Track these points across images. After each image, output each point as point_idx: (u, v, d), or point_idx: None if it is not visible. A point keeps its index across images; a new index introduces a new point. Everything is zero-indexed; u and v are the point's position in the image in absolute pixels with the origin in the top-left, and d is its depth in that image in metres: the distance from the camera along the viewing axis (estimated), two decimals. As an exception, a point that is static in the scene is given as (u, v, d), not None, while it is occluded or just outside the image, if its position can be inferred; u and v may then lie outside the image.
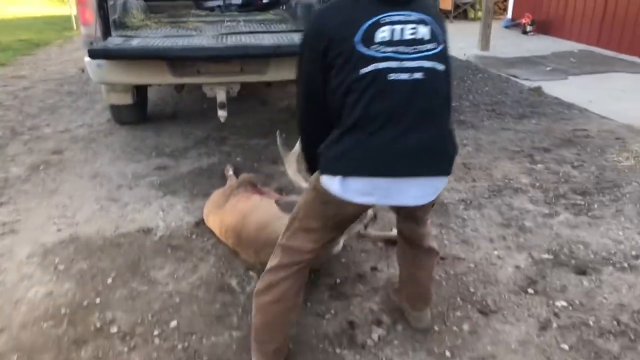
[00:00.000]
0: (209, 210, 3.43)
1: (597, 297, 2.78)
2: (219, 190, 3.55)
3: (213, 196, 3.52)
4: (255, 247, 2.90)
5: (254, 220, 2.98)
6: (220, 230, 3.21)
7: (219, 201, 3.37)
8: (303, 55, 2.01)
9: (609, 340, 2.48)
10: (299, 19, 5.67)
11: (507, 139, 5.13)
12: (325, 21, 1.94)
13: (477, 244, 3.31)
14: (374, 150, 1.86)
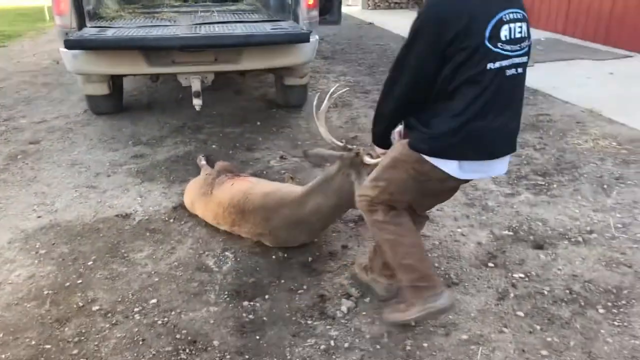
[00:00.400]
0: (192, 198, 3.48)
1: (552, 269, 2.98)
2: (198, 179, 3.60)
3: (193, 184, 3.57)
4: (264, 214, 3.03)
5: (258, 192, 3.12)
6: (216, 212, 3.24)
7: (202, 189, 3.41)
8: (415, 42, 2.04)
9: (561, 307, 2.68)
10: (271, 8, 5.79)
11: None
12: (450, 13, 1.97)
13: (443, 222, 3.49)
14: (491, 138, 2.10)
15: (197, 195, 3.43)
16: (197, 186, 3.49)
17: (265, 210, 3.04)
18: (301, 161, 4.44)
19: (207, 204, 3.33)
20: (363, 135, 5.05)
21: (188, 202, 3.54)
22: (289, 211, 3.00)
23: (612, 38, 8.82)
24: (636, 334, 2.49)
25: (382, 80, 6.77)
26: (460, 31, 1.95)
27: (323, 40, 9.76)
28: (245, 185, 3.25)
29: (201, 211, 3.41)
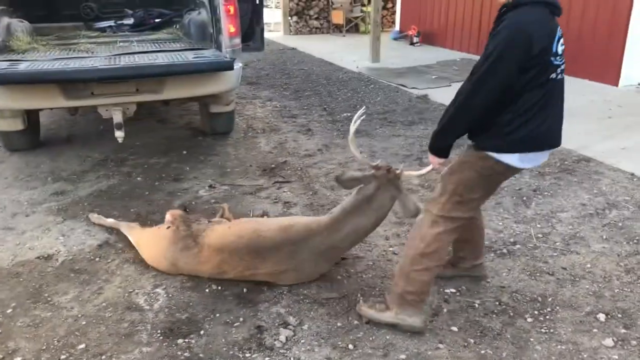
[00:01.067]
0: (171, 258, 3.10)
1: (481, 282, 3.08)
2: (157, 237, 3.21)
3: (154, 247, 3.20)
4: (289, 248, 2.93)
5: (274, 227, 3.02)
6: (220, 261, 2.99)
7: (179, 244, 3.07)
8: (503, 58, 2.27)
9: (492, 319, 2.77)
10: (193, 37, 5.74)
11: (398, 145, 5.48)
12: (534, 32, 2.27)
13: (375, 242, 3.54)
14: (547, 133, 2.42)
15: (177, 253, 3.07)
16: (166, 245, 3.11)
17: (291, 244, 2.94)
18: (231, 189, 4.39)
19: (199, 257, 3.03)
20: (293, 160, 5.07)
21: (165, 265, 3.14)
22: (320, 239, 2.95)
23: (520, 57, 9.36)
24: (562, 339, 2.60)
25: (308, 104, 6.84)
26: (542, 49, 2.29)
27: (248, 67, 9.77)
28: (249, 225, 3.10)
29: (192, 266, 3.06)
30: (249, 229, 3.05)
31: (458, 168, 2.59)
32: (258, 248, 2.95)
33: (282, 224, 3.06)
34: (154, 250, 3.21)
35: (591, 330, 2.67)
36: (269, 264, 2.95)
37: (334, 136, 5.82)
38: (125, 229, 3.54)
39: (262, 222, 3.22)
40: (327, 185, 4.49)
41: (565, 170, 4.67)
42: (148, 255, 3.24)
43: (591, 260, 3.29)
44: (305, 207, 4.09)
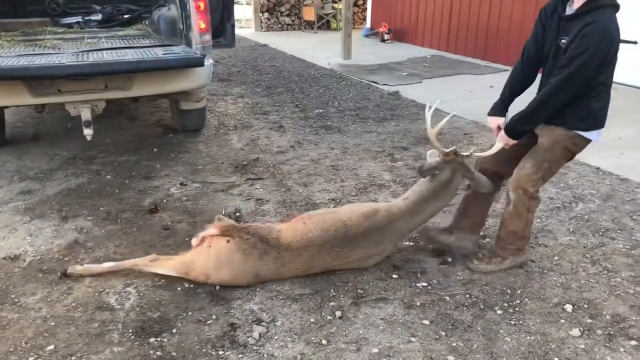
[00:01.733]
0: (249, 268, 2.94)
1: (452, 276, 3.13)
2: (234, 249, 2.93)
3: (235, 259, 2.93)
4: (377, 234, 3.09)
5: (357, 215, 3.09)
6: (309, 257, 2.98)
7: (254, 251, 2.93)
8: (592, 59, 2.64)
9: (463, 311, 2.81)
10: (162, 33, 5.67)
11: (370, 141, 5.51)
12: (616, 37, 2.70)
13: (347, 239, 3.56)
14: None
15: (256, 261, 2.93)
16: (241, 258, 2.92)
17: (378, 230, 3.09)
18: (202, 187, 4.36)
19: (281, 259, 2.96)
20: (265, 156, 5.06)
21: (246, 279, 2.97)
22: (402, 223, 3.17)
23: (489, 54, 9.51)
24: (530, 330, 2.66)
25: (280, 100, 6.85)
26: (617, 49, 2.73)
27: (219, 63, 9.70)
28: (328, 217, 3.10)
29: (275, 270, 2.97)
30: (332, 220, 3.07)
31: (551, 147, 2.94)
32: (348, 238, 3.03)
33: (365, 212, 3.13)
34: (228, 269, 2.95)
35: (559, 320, 2.73)
36: (359, 250, 3.07)
37: (306, 132, 5.83)
38: (154, 265, 3.06)
39: (339, 212, 3.18)
40: (299, 181, 4.50)
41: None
42: (222, 277, 2.96)
43: (559, 253, 3.36)
44: (278, 203, 4.09)
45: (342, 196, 4.21)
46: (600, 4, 2.65)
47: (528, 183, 2.96)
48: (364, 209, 3.17)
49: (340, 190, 4.32)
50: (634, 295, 2.92)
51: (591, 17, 2.62)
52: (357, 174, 4.67)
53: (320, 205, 4.03)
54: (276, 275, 3.01)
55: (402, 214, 3.15)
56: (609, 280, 3.06)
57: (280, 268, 2.99)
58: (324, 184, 4.46)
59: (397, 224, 3.14)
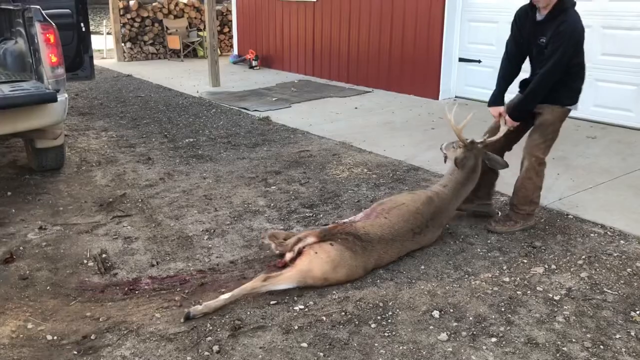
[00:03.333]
0: (362, 263, 3.35)
1: (327, 295, 3.18)
2: (341, 249, 3.30)
3: (346, 257, 3.29)
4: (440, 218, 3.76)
5: (421, 204, 3.67)
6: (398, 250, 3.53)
7: (356, 247, 3.33)
8: (569, 49, 3.54)
9: (339, 330, 2.87)
10: (9, 68, 5.28)
11: (243, 168, 5.50)
12: (583, 31, 3.60)
13: (223, 269, 3.50)
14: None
15: (361, 256, 3.33)
16: (350, 255, 3.30)
17: (440, 213, 3.73)
18: (64, 229, 4.09)
19: (377, 250, 3.40)
20: (133, 191, 4.86)
21: (361, 271, 3.36)
22: (452, 207, 3.88)
23: (352, 77, 9.94)
24: (403, 339, 2.77)
25: (147, 131, 6.63)
26: (584, 36, 3.63)
27: (78, 96, 9.21)
28: (403, 210, 3.61)
29: (377, 260, 3.42)
30: (408, 213, 3.59)
31: (552, 121, 3.76)
32: (422, 225, 3.61)
33: (425, 200, 3.70)
34: (344, 268, 3.27)
35: (428, 327, 2.87)
36: (429, 234, 3.69)
37: (176, 163, 5.69)
38: (269, 282, 3.15)
39: (408, 204, 3.66)
40: (170, 215, 4.37)
41: (397, 180, 5.02)
42: (339, 276, 3.27)
43: (424, 262, 3.55)
44: (148, 240, 3.93)
45: (216, 226, 4.15)
46: (564, 7, 3.52)
47: (538, 150, 3.79)
48: (423, 198, 3.72)
49: (214, 220, 4.26)
50: (492, 295, 3.16)
51: (562, 18, 3.51)
52: (231, 201, 4.64)
53: (193, 238, 3.94)
54: (378, 265, 3.44)
55: (450, 198, 3.81)
56: (470, 284, 3.29)
57: (380, 258, 3.43)
58: (197, 215, 4.37)
59: (450, 206, 3.84)
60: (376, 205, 3.78)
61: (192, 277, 3.42)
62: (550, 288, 3.21)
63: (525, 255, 3.60)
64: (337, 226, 3.50)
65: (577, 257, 3.54)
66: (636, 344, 2.69)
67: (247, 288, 3.11)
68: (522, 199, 3.89)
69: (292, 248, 3.38)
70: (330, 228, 3.48)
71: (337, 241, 3.31)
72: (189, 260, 3.63)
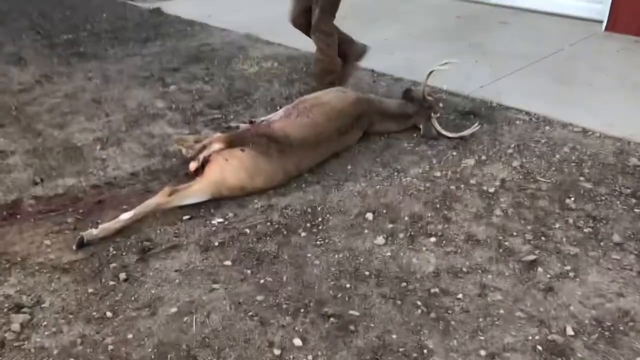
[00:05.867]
0: (270, 174, 2.95)
1: (248, 205, 2.82)
2: (250, 156, 2.89)
3: (254, 168, 2.90)
4: (365, 119, 3.44)
5: (349, 104, 3.35)
6: (322, 153, 3.19)
7: (268, 155, 2.92)
8: None
9: (266, 242, 2.55)
10: None
11: (135, 66, 4.81)
12: None
13: (122, 183, 3.02)
14: None
15: (278, 160, 2.95)
16: (263, 161, 2.91)
17: (365, 115, 3.42)
18: None
19: (298, 153, 3.03)
20: (5, 98, 4.11)
21: (277, 178, 2.97)
22: (377, 115, 3.52)
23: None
24: (337, 247, 2.51)
25: (16, 28, 6.07)
26: None
27: None
28: (327, 108, 3.26)
29: (297, 164, 3.05)
30: (333, 111, 3.25)
31: None
32: (348, 124, 3.30)
33: (352, 101, 3.38)
34: (260, 175, 2.92)
35: (362, 232, 2.62)
36: (353, 134, 3.38)
37: (54, 63, 4.88)
38: (177, 197, 2.73)
39: (333, 102, 3.33)
40: (52, 123, 3.72)
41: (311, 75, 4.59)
42: (257, 184, 2.91)
43: (350, 161, 3.25)
44: (28, 153, 3.32)
45: (109, 133, 3.58)
46: None
47: (321, 24, 3.74)
48: (351, 98, 3.39)
49: (107, 127, 3.67)
50: (425, 192, 2.94)
51: None
52: (125, 105, 4.03)
53: (84, 149, 3.37)
54: (299, 169, 3.07)
55: (377, 108, 3.50)
56: (401, 181, 3.04)
57: (302, 161, 3.06)
58: (86, 122, 3.75)
59: (375, 113, 3.48)
60: (298, 102, 3.39)
61: (85, 194, 2.92)
62: (483, 180, 3.03)
63: (453, 147, 3.39)
64: (250, 129, 3.09)
65: (505, 146, 3.39)
66: (576, 232, 2.60)
67: (151, 205, 2.67)
68: (321, 70, 3.95)
69: (195, 156, 2.94)
70: (242, 132, 3.07)
71: (249, 145, 2.91)
72: (81, 175, 3.10)
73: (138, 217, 2.63)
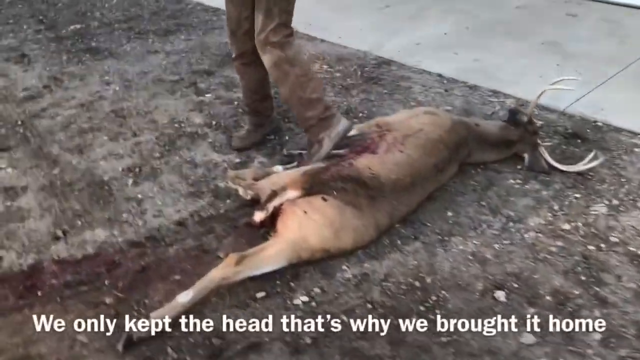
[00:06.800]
0: (360, 230, 2.26)
1: (335, 273, 2.20)
2: (334, 207, 2.22)
3: (341, 223, 2.21)
4: (464, 149, 2.77)
5: (445, 132, 2.66)
6: (421, 194, 2.53)
7: (357, 206, 2.26)
8: None
9: (374, 339, 1.93)
10: None
11: (159, 66, 4.11)
12: None
13: (168, 237, 2.37)
14: None
15: (369, 211, 2.29)
16: (351, 213, 2.23)
17: (464, 145, 2.75)
18: None
19: (392, 200, 2.36)
20: (7, 108, 3.44)
21: (369, 234, 2.30)
22: (475, 143, 2.83)
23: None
24: (472, 350, 1.87)
25: (14, 14, 5.15)
26: None
27: None
28: (422, 138, 2.59)
29: (390, 213, 2.37)
30: (429, 142, 2.59)
31: None
32: (447, 157, 2.64)
33: (448, 128, 2.69)
34: (348, 231, 2.24)
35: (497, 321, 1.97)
36: (452, 167, 2.71)
37: (64, 62, 4.19)
38: (245, 267, 2.08)
39: (426, 129, 2.65)
40: (70, 145, 3.06)
41: (370, 80, 3.90)
42: (344, 244, 2.24)
43: (450, 205, 2.60)
44: (44, 191, 2.66)
45: (141, 161, 2.92)
46: None
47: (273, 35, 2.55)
48: (447, 124, 2.70)
49: (137, 152, 3.00)
50: (559, 255, 2.30)
51: None
52: (154, 120, 3.36)
53: (113, 185, 2.71)
54: (392, 220, 2.40)
55: (475, 134, 2.79)
56: (523, 238, 2.40)
57: (395, 211, 2.39)
58: (110, 144, 3.09)
59: (474, 141, 2.79)
60: (380, 128, 2.73)
61: (123, 256, 2.27)
62: (626, 238, 2.39)
63: (572, 186, 2.74)
64: (329, 167, 2.42)
65: (636, 185, 2.74)
66: None
67: (215, 279, 2.02)
68: (298, 106, 2.70)
69: (264, 205, 2.29)
70: (319, 171, 2.40)
71: (332, 193, 2.26)
72: (113, 225, 2.45)
73: (200, 298, 1.99)
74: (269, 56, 2.60)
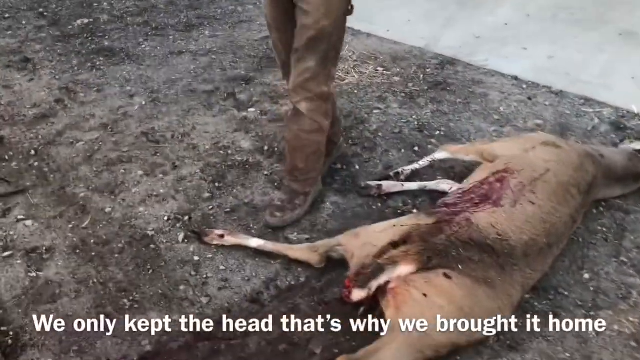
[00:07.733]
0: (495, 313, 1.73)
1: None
2: (461, 286, 1.71)
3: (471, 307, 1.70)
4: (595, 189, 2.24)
5: (573, 172, 2.13)
6: (553, 254, 1.98)
7: (489, 282, 1.75)
8: None
9: None
10: None
11: (187, 72, 3.53)
12: None
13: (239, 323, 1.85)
14: None
15: (502, 286, 1.75)
16: (484, 292, 1.72)
17: (595, 186, 2.23)
18: None
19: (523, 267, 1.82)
20: (15, 132, 2.88)
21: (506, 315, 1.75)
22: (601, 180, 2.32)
23: None
24: None
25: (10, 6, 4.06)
26: None
27: None
28: (553, 183, 2.04)
29: (524, 283, 1.83)
30: (559, 187, 2.05)
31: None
32: (580, 204, 2.13)
33: (575, 160, 2.20)
34: (482, 315, 1.71)
35: None
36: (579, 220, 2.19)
37: (74, 67, 3.61)
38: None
39: (553, 171, 2.10)
40: (99, 184, 2.52)
41: (436, 85, 3.34)
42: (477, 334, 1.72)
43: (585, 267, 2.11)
44: (75, 254, 2.13)
45: (189, 205, 2.39)
46: None
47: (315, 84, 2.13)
48: (576, 160, 2.19)
49: (183, 192, 2.47)
50: None
51: None
52: (194, 144, 2.81)
53: (160, 242, 2.18)
54: (525, 292, 1.88)
55: (601, 168, 2.26)
56: None
57: (529, 280, 1.88)
58: (146, 181, 2.55)
59: (600, 176, 2.27)
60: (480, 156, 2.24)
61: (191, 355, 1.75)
62: None
63: None
64: (440, 225, 1.89)
65: None
66: None
67: None
68: (305, 162, 2.31)
69: (366, 284, 1.76)
70: (429, 232, 1.86)
71: (456, 267, 1.74)
72: (170, 304, 1.93)
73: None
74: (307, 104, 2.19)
